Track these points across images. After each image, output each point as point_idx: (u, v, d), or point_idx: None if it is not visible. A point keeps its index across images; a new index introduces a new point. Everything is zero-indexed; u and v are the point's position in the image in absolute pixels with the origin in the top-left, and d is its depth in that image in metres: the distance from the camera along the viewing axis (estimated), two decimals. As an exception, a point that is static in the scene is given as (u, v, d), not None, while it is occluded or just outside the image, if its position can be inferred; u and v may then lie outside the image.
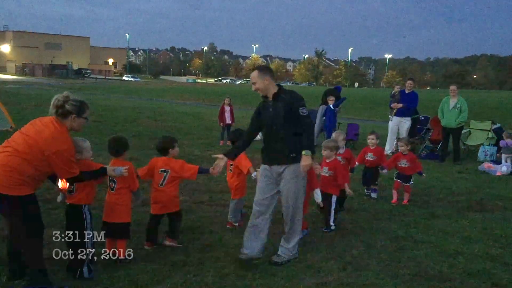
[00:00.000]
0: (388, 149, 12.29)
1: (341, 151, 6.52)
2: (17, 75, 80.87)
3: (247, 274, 4.37)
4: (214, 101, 33.15)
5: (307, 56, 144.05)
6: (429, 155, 12.02)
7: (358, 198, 7.46)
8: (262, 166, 4.76)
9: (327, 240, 5.47)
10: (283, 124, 4.50)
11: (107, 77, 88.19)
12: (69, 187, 4.15)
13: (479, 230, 6.09)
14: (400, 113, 12.10)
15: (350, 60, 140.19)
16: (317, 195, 5.29)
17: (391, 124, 12.38)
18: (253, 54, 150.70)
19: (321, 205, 5.55)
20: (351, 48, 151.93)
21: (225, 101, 13.71)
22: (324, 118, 12.92)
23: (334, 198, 5.80)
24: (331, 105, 12.59)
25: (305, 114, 4.45)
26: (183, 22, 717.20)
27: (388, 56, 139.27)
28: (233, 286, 4.14)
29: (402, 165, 7.39)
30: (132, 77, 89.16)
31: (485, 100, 37.50)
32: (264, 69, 4.68)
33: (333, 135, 6.89)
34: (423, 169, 7.67)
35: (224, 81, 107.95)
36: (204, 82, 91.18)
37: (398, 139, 7.79)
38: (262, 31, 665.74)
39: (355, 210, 6.78)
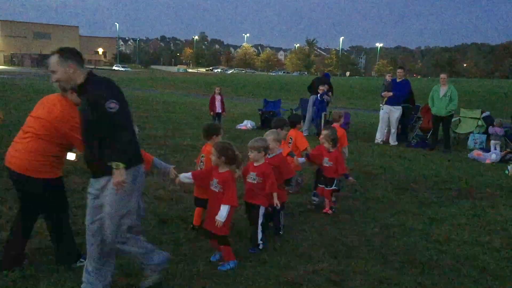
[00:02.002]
0: (378, 137, 12.36)
1: (269, 155, 5.01)
2: (5, 65, 79.95)
3: (238, 263, 4.38)
4: (205, 91, 33.03)
5: (298, 45, 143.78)
6: (420, 143, 12.10)
7: (349, 187, 7.48)
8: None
9: (318, 228, 5.49)
10: (90, 126, 3.45)
11: (97, 67, 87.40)
12: None
13: (469, 217, 6.15)
14: (391, 102, 12.13)
15: (341, 49, 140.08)
16: (222, 212, 4.13)
17: (381, 113, 12.41)
18: (244, 43, 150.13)
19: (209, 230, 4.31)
20: (342, 37, 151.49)
21: (216, 91, 13.67)
22: (314, 107, 12.92)
23: (262, 210, 4.74)
24: (318, 95, 12.59)
25: (114, 110, 3.32)
26: (173, 11, 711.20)
27: (379, 45, 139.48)
28: (225, 274, 4.14)
29: (324, 164, 6.09)
30: (122, 67, 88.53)
31: (475, 89, 37.70)
32: (68, 53, 3.51)
33: (266, 133, 5.28)
34: (348, 171, 6.30)
35: (215, 70, 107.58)
36: (195, 72, 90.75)
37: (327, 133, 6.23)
38: (253, 20, 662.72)
39: (345, 198, 6.81)
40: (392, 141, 12.14)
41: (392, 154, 10.67)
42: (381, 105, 12.61)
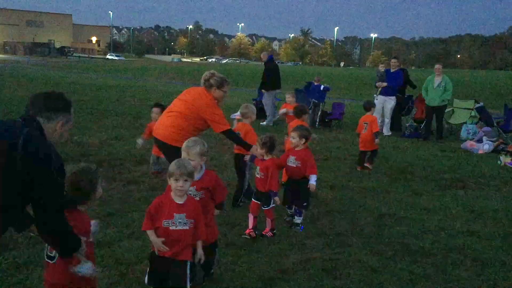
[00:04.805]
0: (373, 128, 12.36)
1: (197, 176, 3.48)
2: (-2, 54, 79.23)
3: (231, 251, 4.39)
4: (199, 80, 32.81)
5: (293, 35, 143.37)
6: (413, 133, 12.13)
7: (343, 177, 7.52)
8: None
9: (312, 217, 5.51)
10: None
11: (90, 56, 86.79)
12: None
13: (461, 207, 6.20)
14: (385, 92, 12.12)
15: (336, 39, 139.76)
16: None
17: (376, 103, 12.40)
18: (239, 33, 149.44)
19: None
20: (337, 28, 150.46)
21: (211, 80, 13.58)
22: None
23: (188, 266, 3.23)
24: (321, 87, 12.56)
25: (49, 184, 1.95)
26: (168, 0, 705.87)
27: (373, 35, 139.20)
28: (219, 262, 4.15)
29: (258, 176, 4.96)
30: (116, 56, 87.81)
31: (469, 80, 37.75)
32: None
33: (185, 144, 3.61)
34: (277, 189, 4.85)
35: (210, 60, 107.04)
36: (189, 61, 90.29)
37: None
38: (248, 10, 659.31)
39: (339, 188, 6.83)
40: (386, 131, 12.16)
41: (385, 144, 10.69)
42: (375, 95, 12.60)
